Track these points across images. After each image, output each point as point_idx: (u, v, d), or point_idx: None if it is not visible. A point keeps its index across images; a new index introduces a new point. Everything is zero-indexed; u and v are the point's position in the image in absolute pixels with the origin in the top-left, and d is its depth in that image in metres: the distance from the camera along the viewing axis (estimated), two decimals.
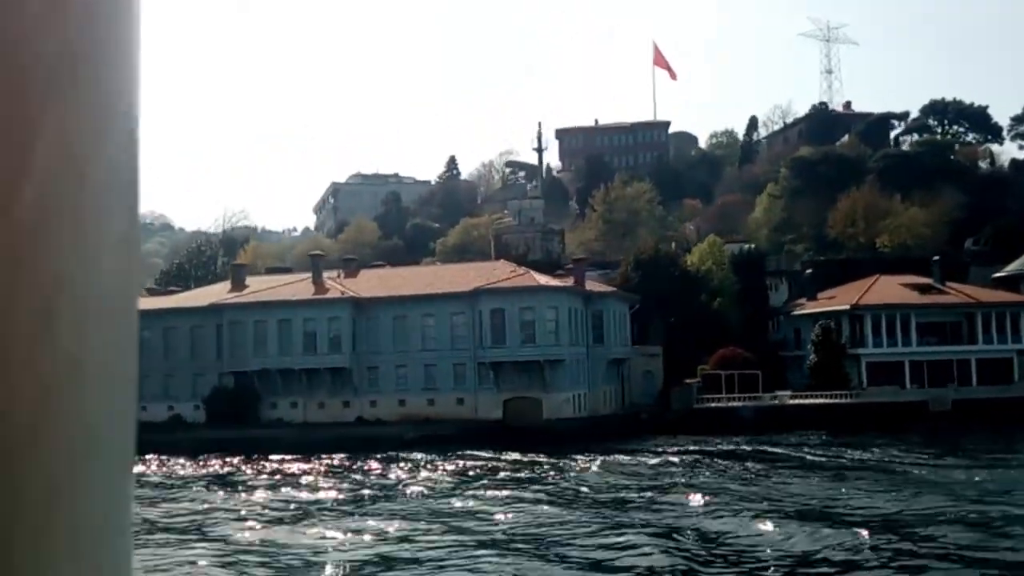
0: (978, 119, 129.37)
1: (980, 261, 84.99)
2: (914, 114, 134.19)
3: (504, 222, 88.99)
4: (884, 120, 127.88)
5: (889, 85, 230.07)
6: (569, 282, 64.97)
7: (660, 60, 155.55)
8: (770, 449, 48.60)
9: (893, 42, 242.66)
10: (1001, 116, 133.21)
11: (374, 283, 61.07)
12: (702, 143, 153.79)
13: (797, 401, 58.90)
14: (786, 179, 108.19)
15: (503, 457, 46.22)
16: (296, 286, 61.21)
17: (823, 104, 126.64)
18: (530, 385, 55.39)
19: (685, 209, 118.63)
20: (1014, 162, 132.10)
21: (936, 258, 70.28)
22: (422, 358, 57.07)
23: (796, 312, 70.27)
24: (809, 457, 45.92)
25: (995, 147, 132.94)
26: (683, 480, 37.67)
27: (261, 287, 62.83)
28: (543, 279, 58.16)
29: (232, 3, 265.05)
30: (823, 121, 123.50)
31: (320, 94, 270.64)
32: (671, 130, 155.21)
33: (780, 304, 76.61)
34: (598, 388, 60.20)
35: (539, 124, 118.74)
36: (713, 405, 57.89)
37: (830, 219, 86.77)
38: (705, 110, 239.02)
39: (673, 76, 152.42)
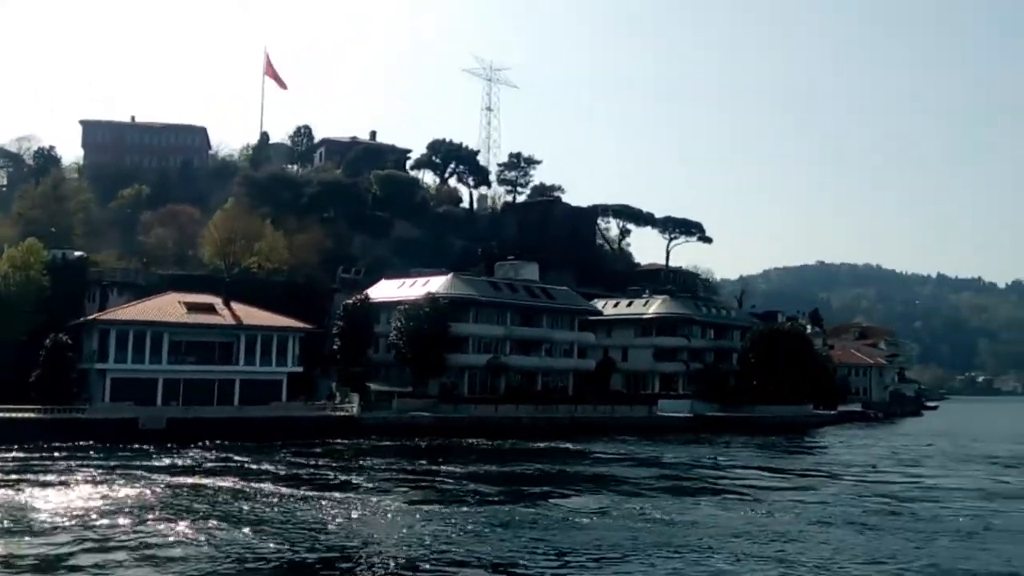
0: (470, 162, 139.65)
1: (349, 288, 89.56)
2: (423, 150, 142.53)
3: None
4: (377, 151, 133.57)
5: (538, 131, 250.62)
6: None
7: (270, 70, 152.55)
8: None
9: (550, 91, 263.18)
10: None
11: None
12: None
13: None
14: (237, 195, 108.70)
15: None
16: None
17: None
18: None
19: (170, 215, 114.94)
20: (506, 204, 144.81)
21: (227, 279, 71.64)
22: None
23: (72, 323, 67.98)
24: None
25: (485, 189, 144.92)
26: None
27: None
28: None
29: None
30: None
31: None
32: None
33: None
34: None
35: None
36: None
37: (201, 234, 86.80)
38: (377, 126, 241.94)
39: (283, 86, 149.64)
